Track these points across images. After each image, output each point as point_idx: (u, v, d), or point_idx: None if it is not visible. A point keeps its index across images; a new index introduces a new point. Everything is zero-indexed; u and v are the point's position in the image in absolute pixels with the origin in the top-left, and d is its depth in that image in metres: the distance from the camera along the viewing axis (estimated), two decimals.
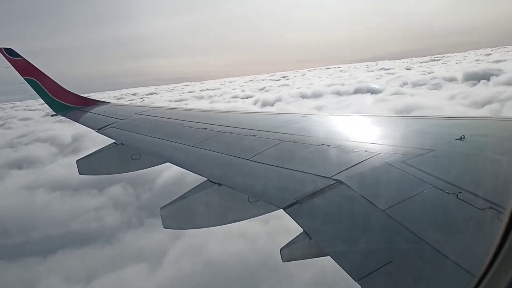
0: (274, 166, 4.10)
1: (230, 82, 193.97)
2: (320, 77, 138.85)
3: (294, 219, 2.99)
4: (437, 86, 68.57)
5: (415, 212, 2.66)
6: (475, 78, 69.98)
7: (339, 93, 73.40)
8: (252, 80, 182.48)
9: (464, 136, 3.56)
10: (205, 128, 6.17)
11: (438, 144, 3.67)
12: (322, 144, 4.31)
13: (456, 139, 3.57)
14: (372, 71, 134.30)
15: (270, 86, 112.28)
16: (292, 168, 3.89)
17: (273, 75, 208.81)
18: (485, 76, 69.30)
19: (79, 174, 6.88)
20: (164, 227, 4.22)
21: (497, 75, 68.13)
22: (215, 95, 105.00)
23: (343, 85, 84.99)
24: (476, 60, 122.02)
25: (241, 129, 5.79)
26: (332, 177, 3.36)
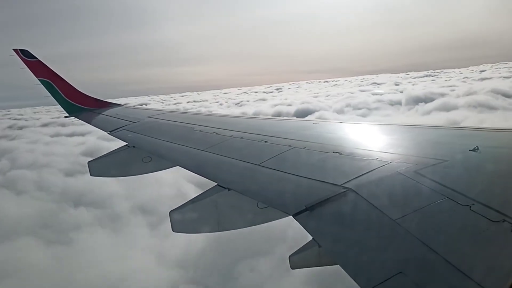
0: (284, 172, 4.09)
1: (224, 93, 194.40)
2: (307, 91, 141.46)
3: (303, 226, 2.97)
4: (369, 112, 68.69)
5: (426, 223, 2.63)
6: (415, 102, 69.71)
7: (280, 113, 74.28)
8: (245, 92, 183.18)
9: (478, 147, 3.52)
10: (216, 133, 6.19)
11: (451, 154, 3.63)
12: (333, 152, 4.29)
13: (469, 150, 3.53)
14: (361, 86, 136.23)
15: (247, 101, 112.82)
16: (302, 175, 3.87)
17: (269, 86, 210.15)
18: (426, 100, 69.23)
19: (91, 175, 6.95)
20: (173, 231, 4.23)
21: (432, 99, 68.17)
22: (192, 108, 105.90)
23: (304, 103, 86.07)
24: (464, 78, 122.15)
25: (252, 134, 5.80)
26: (342, 185, 3.34)
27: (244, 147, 5.31)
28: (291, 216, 3.19)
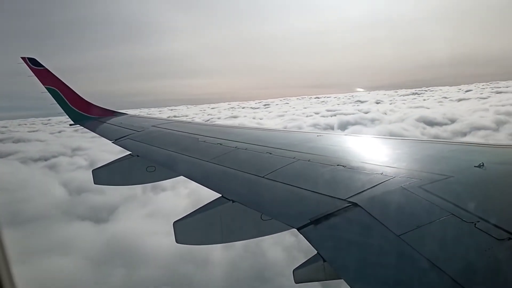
0: (288, 185, 4.09)
1: (212, 108, 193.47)
2: (290, 107, 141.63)
3: (308, 240, 2.97)
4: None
5: (431, 239, 2.62)
6: (344, 126, 68.02)
7: None
8: (233, 107, 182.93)
9: (483, 163, 3.51)
10: (221, 144, 6.21)
11: (456, 170, 3.62)
12: (338, 165, 4.29)
13: (474, 166, 3.53)
14: (345, 104, 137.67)
15: (218, 118, 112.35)
16: (307, 188, 3.87)
17: (260, 102, 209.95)
18: (356, 123, 68.24)
19: (94, 183, 6.97)
20: (176, 242, 4.23)
21: (356, 124, 67.42)
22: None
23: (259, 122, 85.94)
24: (443, 98, 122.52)
25: (256, 145, 5.81)
26: (347, 199, 3.34)
27: (249, 158, 5.32)
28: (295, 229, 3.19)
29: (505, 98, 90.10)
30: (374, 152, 5.04)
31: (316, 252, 2.91)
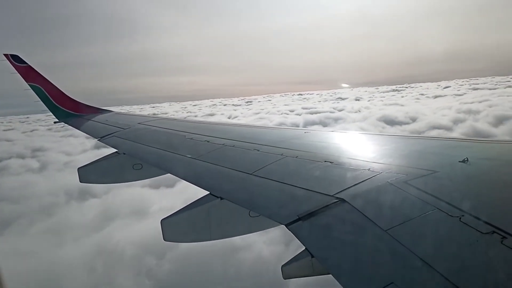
0: (276, 181, 4.11)
1: (194, 105, 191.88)
2: (272, 104, 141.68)
3: (296, 236, 2.98)
4: None
5: (417, 234, 2.66)
6: (307, 125, 67.62)
7: None
8: (214, 104, 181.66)
9: (467, 158, 3.57)
10: (208, 141, 6.19)
11: (441, 165, 3.68)
12: (325, 161, 4.32)
13: (459, 161, 3.59)
14: (326, 101, 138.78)
15: (195, 116, 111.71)
16: (295, 184, 3.89)
17: (243, 99, 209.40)
18: (321, 123, 68.16)
19: (80, 182, 6.90)
20: (164, 240, 4.21)
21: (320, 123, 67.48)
22: None
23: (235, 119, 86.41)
24: (421, 95, 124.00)
25: (244, 142, 5.81)
26: (334, 195, 3.36)
27: (237, 155, 5.31)
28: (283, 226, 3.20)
29: (479, 95, 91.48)
30: (361, 148, 5.08)
31: (304, 248, 2.93)
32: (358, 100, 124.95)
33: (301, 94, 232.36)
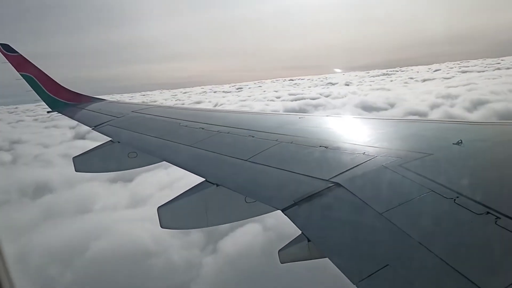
0: (272, 167, 4.11)
1: (184, 93, 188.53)
2: (262, 90, 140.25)
3: (292, 221, 3.00)
4: None
5: (412, 216, 2.68)
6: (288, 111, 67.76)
7: None
8: (205, 91, 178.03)
9: (461, 140, 3.59)
10: (203, 128, 6.17)
11: (435, 148, 3.70)
12: (320, 146, 4.32)
13: (453, 143, 3.60)
14: (316, 86, 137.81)
15: (182, 104, 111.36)
16: (290, 169, 3.90)
17: (234, 85, 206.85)
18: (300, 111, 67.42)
19: (75, 171, 6.88)
20: (161, 227, 4.22)
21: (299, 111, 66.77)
22: None
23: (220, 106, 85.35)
24: (410, 78, 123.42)
25: (238, 129, 5.80)
26: (330, 180, 3.37)
27: (232, 142, 5.31)
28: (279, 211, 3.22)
29: (465, 78, 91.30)
30: (356, 133, 5.09)
31: (300, 232, 2.95)
32: (348, 85, 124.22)
33: (292, 80, 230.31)
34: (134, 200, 26.63)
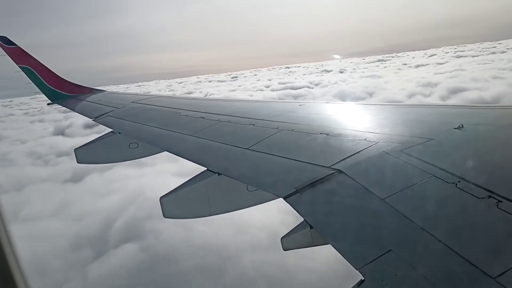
0: (273, 155, 4.12)
1: (179, 83, 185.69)
2: (256, 79, 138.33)
3: (294, 208, 3.01)
4: None
5: (414, 201, 2.69)
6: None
7: None
8: (200, 81, 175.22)
9: (462, 125, 3.57)
10: (203, 117, 6.16)
11: (436, 133, 3.69)
12: (321, 133, 4.31)
13: (454, 128, 3.59)
14: (311, 74, 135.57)
15: (175, 93, 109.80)
16: (291, 157, 3.90)
17: (229, 74, 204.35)
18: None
19: (77, 162, 6.90)
20: (164, 217, 4.25)
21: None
22: None
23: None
24: (402, 65, 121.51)
25: (239, 118, 5.79)
26: (331, 167, 3.38)
27: (232, 131, 5.31)
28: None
29: (457, 64, 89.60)
30: (357, 119, 5.08)
31: (302, 219, 2.96)
32: (342, 72, 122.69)
33: (288, 67, 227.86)
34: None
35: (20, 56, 10.24)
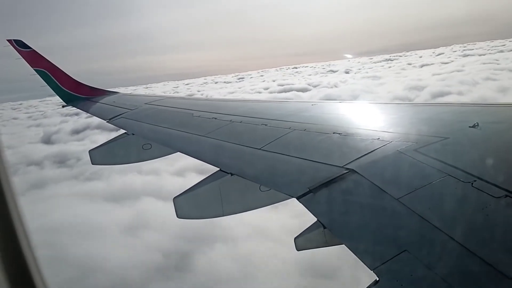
0: (285, 155, 4.11)
1: (186, 84, 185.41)
2: (259, 80, 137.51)
3: (307, 208, 3.00)
4: None
5: (429, 201, 2.65)
6: None
7: None
8: (206, 82, 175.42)
9: (477, 123, 3.52)
10: (215, 118, 6.18)
11: (451, 131, 3.64)
12: (334, 133, 4.29)
13: (469, 126, 3.54)
14: (316, 74, 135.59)
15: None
16: (304, 157, 3.89)
17: (237, 75, 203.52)
18: None
19: (92, 164, 6.98)
20: (178, 217, 4.28)
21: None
22: None
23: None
24: (407, 65, 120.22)
25: (251, 118, 5.80)
26: (344, 166, 3.36)
27: (245, 131, 5.31)
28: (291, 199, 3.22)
29: (461, 63, 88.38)
30: (370, 118, 5.04)
31: (315, 219, 2.95)
32: (347, 72, 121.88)
33: (296, 68, 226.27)
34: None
35: (35, 59, 10.39)
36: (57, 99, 11.23)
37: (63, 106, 11.22)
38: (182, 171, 25.82)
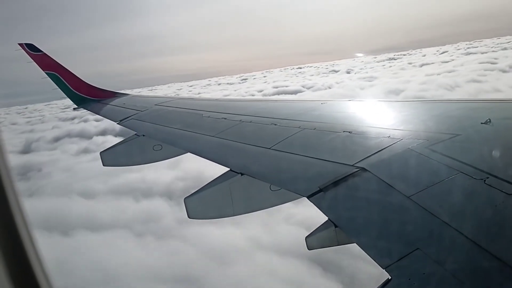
0: (295, 154, 4.11)
1: (190, 86, 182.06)
2: (260, 81, 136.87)
3: (318, 207, 2.99)
4: None
5: (441, 198, 2.63)
6: None
7: None
8: (209, 84, 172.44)
9: (489, 119, 3.48)
10: (225, 118, 6.20)
11: (463, 128, 3.60)
12: (344, 131, 4.28)
13: (481, 123, 3.50)
14: (319, 74, 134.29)
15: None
16: (314, 156, 3.88)
17: (241, 76, 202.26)
18: None
19: (103, 165, 7.04)
20: (189, 217, 4.29)
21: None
22: None
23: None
24: (407, 64, 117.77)
25: (261, 117, 5.80)
26: (355, 165, 3.34)
27: (254, 131, 5.32)
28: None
29: (460, 63, 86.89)
30: (380, 116, 5.01)
31: (327, 219, 2.94)
32: (349, 72, 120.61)
33: (300, 68, 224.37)
34: None
35: (46, 62, 10.50)
36: (62, 103, 11.38)
37: (74, 109, 11.33)
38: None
